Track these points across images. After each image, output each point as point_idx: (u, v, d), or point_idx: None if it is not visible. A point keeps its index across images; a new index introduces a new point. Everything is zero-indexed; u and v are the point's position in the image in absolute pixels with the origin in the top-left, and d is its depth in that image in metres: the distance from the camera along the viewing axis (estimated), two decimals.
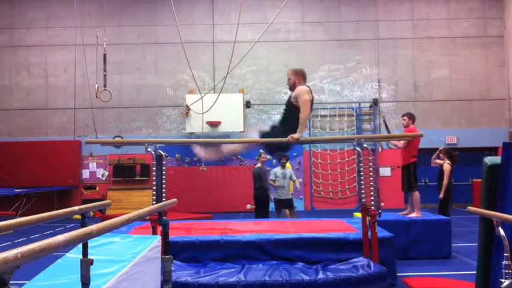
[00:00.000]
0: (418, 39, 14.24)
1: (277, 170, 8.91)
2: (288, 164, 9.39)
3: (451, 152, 8.27)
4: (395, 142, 6.91)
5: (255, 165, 9.18)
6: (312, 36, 14.27)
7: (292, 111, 4.96)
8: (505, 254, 2.66)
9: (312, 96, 5.03)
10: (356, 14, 14.31)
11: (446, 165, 8.01)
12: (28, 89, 14.28)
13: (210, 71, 13.82)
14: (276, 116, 13.87)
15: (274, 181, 8.75)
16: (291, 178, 8.77)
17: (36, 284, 3.07)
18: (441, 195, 7.87)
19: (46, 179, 13.35)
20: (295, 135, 4.73)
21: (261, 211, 8.76)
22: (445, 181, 7.90)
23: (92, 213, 11.49)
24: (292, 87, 5.08)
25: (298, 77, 5.07)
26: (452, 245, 6.79)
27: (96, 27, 11.43)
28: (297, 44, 14.23)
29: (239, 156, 13.80)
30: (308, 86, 5.08)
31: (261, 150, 8.81)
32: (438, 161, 8.22)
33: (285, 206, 8.83)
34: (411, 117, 7.09)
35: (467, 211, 3.35)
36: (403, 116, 7.21)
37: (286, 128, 4.94)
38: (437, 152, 8.37)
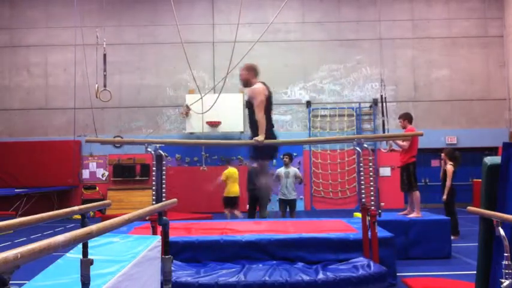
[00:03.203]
0: (418, 39, 14.24)
1: (281, 169, 8.93)
2: (232, 170, 9.82)
3: (453, 154, 8.28)
4: (400, 143, 6.85)
5: (252, 164, 9.15)
6: (312, 36, 14.27)
7: (252, 111, 4.86)
8: (505, 254, 2.66)
9: (269, 91, 4.93)
10: (356, 13, 14.31)
11: (449, 167, 8.03)
12: (28, 89, 14.28)
13: (210, 71, 13.82)
14: (276, 116, 13.86)
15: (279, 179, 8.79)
16: (295, 177, 8.74)
17: (36, 284, 3.07)
18: (444, 197, 7.92)
19: (46, 179, 13.34)
20: (259, 138, 4.63)
21: (261, 211, 8.77)
22: (448, 183, 7.92)
23: (92, 213, 11.48)
24: (245, 83, 5.03)
25: (251, 72, 5.00)
26: (452, 245, 6.80)
27: (96, 27, 11.41)
28: (297, 44, 14.23)
29: (239, 156, 13.80)
30: (263, 83, 4.98)
31: None
32: (447, 166, 8.17)
33: (288, 206, 8.80)
34: (406, 117, 7.06)
35: (467, 211, 3.35)
36: (399, 118, 7.20)
37: (255, 129, 4.87)
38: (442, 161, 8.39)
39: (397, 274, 5.25)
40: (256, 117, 4.73)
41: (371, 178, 5.07)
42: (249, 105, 4.94)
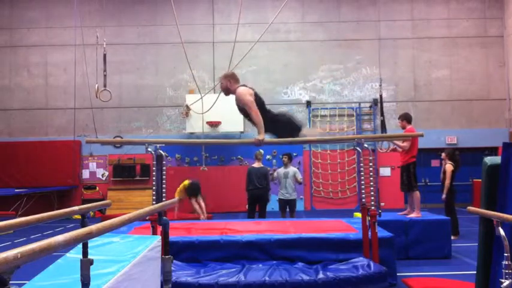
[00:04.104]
0: (418, 39, 14.23)
1: (281, 169, 8.94)
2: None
3: (453, 154, 8.30)
4: (400, 143, 6.82)
5: (253, 164, 9.15)
6: (312, 36, 14.26)
7: (248, 114, 4.81)
8: (505, 254, 2.66)
9: (254, 91, 4.80)
10: (356, 14, 14.31)
11: (448, 166, 8.05)
12: (28, 89, 14.28)
13: (210, 71, 13.81)
14: None
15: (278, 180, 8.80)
16: (294, 177, 8.74)
17: (36, 284, 3.07)
18: (443, 196, 7.97)
19: (46, 179, 13.34)
20: (259, 137, 4.61)
21: (261, 211, 8.78)
22: (447, 182, 7.95)
23: (92, 213, 11.48)
24: (225, 92, 4.95)
25: (229, 80, 4.88)
26: (452, 245, 6.80)
27: (96, 27, 11.42)
28: (297, 44, 14.23)
29: (239, 156, 13.80)
30: (244, 85, 4.88)
31: (260, 150, 8.86)
32: (446, 166, 8.20)
33: (288, 206, 8.80)
34: (405, 118, 7.06)
35: (467, 211, 3.35)
36: (398, 118, 7.22)
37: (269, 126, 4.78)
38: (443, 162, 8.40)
39: (397, 274, 5.25)
40: (251, 118, 4.70)
41: (371, 178, 5.08)
42: (244, 112, 4.90)
